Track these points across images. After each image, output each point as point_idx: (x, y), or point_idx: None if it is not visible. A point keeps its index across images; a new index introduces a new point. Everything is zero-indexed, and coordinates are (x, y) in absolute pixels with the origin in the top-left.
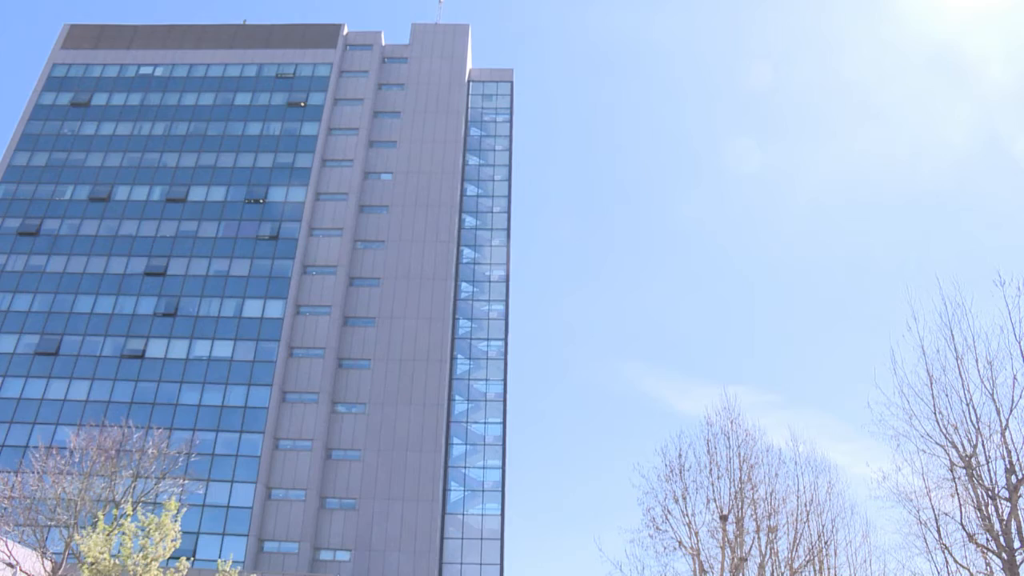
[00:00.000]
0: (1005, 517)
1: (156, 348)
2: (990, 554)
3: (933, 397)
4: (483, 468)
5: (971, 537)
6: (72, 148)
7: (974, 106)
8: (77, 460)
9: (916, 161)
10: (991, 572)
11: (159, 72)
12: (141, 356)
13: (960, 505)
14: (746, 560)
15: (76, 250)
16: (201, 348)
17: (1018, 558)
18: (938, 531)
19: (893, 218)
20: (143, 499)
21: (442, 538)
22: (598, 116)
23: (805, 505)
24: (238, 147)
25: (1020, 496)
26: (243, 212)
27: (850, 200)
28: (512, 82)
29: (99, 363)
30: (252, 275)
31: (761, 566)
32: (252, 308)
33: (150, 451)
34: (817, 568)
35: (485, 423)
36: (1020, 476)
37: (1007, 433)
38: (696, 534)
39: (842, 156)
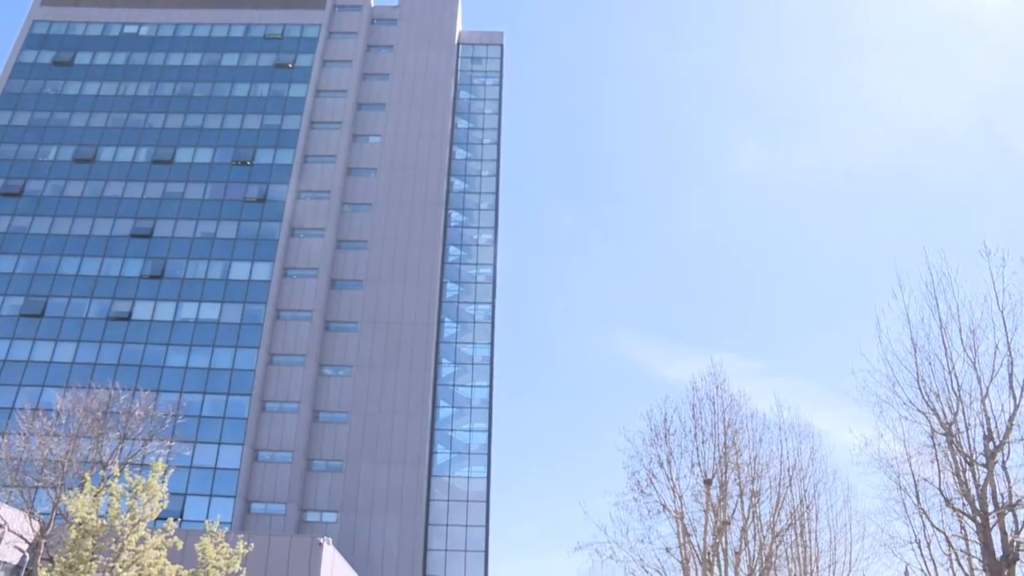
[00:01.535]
0: (981, 482)
1: (143, 310)
2: (965, 518)
3: (916, 365)
4: (469, 431)
5: (948, 502)
6: (55, 108)
7: (969, 91)
8: (64, 422)
9: (910, 136)
10: (966, 535)
11: (144, 31)
12: (128, 318)
13: (939, 471)
14: (729, 523)
15: (61, 211)
16: (188, 310)
17: (991, 521)
18: (917, 496)
19: (885, 192)
20: (130, 461)
21: (428, 500)
22: (590, 83)
23: (788, 470)
24: (225, 109)
25: (996, 462)
26: (230, 174)
27: (844, 173)
28: (502, 45)
29: (85, 325)
30: (239, 237)
31: (744, 529)
32: (239, 270)
33: (137, 413)
34: (798, 531)
35: (472, 386)
36: (997, 443)
37: (987, 401)
38: (680, 497)
39: (836, 132)
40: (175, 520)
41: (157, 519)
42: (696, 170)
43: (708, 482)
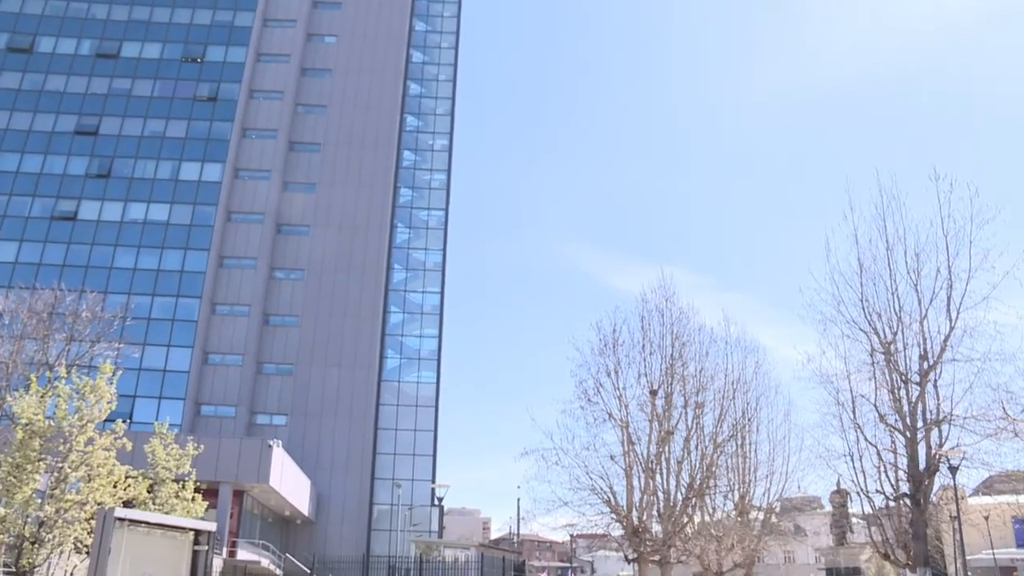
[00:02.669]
0: (914, 399)
1: (89, 210)
2: (896, 433)
3: (861, 285)
4: (420, 337)
5: (882, 417)
6: None
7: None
8: (7, 323)
9: (869, 55)
10: (895, 449)
11: None
12: (73, 218)
13: (876, 388)
14: (672, 433)
15: None
16: (136, 211)
17: (919, 436)
18: (853, 411)
19: (843, 113)
20: (77, 362)
21: (377, 404)
22: None
23: (732, 383)
24: (174, 3)
25: (929, 381)
26: (180, 71)
27: (815, 89)
28: None
29: (28, 224)
30: (189, 137)
31: (687, 439)
32: (189, 171)
33: (84, 314)
34: (739, 443)
35: (423, 292)
36: (931, 362)
37: (925, 322)
38: (626, 407)
39: (800, 50)
40: (124, 422)
41: (106, 421)
42: (654, 86)
43: (654, 393)
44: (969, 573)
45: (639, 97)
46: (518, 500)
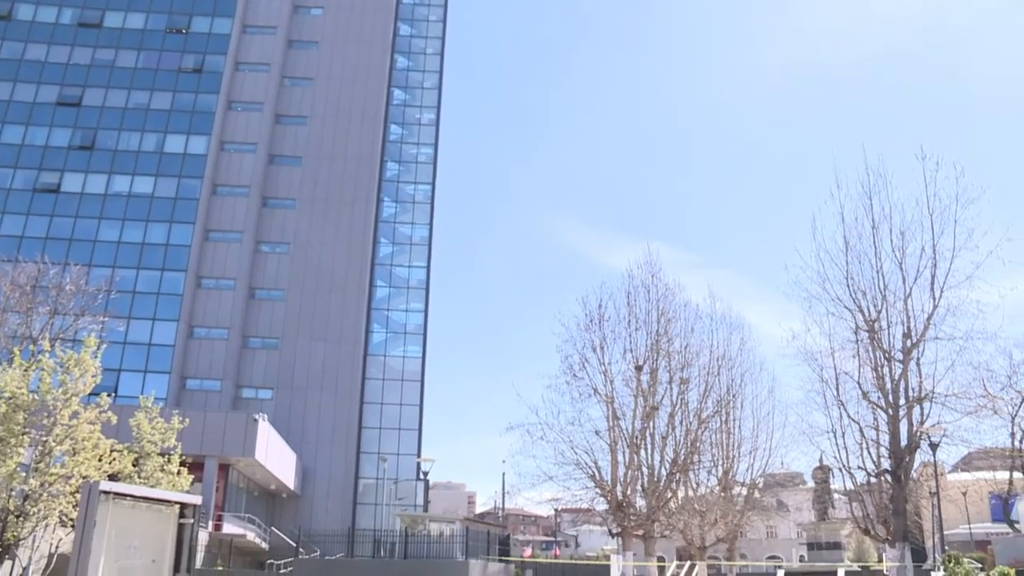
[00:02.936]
0: (896, 377)
1: (72, 182)
2: (879, 410)
3: (847, 263)
4: (406, 311)
5: (865, 395)
6: None
7: None
8: None
9: (859, 37)
10: (877, 426)
11: None
12: (56, 190)
13: (859, 365)
14: (657, 409)
15: None
16: (120, 183)
17: (901, 413)
18: (837, 389)
19: (832, 93)
20: (61, 336)
21: (363, 378)
22: None
23: (717, 360)
24: None
25: (912, 359)
26: (164, 42)
27: (795, 72)
28: None
29: (10, 196)
30: (174, 109)
31: (671, 415)
32: (174, 143)
33: (68, 287)
34: (724, 419)
35: (409, 267)
36: (915, 340)
37: (909, 301)
38: (611, 382)
39: (790, 31)
40: (109, 395)
41: (91, 394)
42: (645, 65)
43: (639, 368)
44: (946, 547)
45: (629, 75)
46: (503, 474)
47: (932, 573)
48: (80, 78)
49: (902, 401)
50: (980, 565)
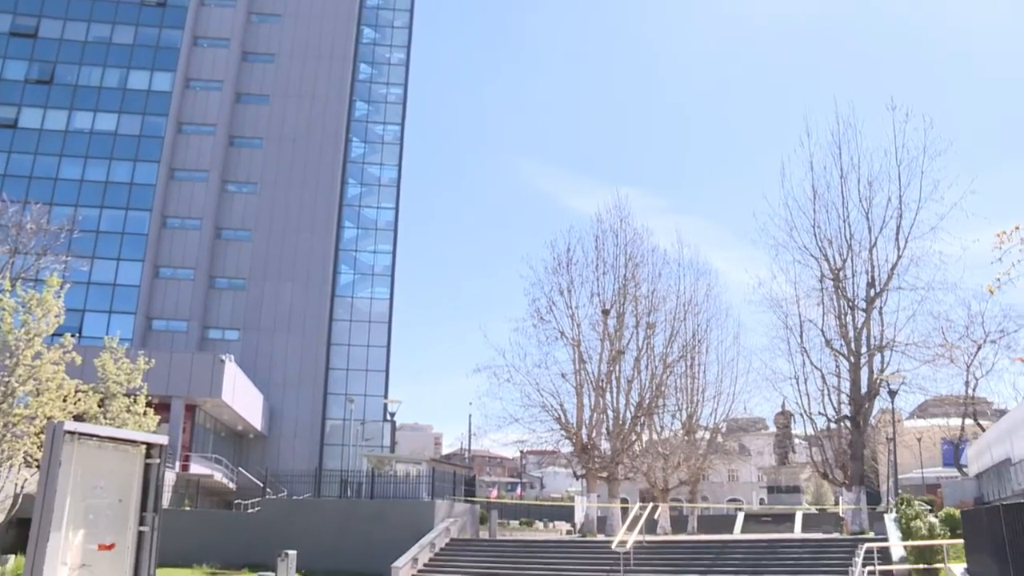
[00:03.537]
0: (859, 326)
1: (31, 118)
2: (841, 357)
3: (814, 212)
4: (374, 252)
5: (828, 342)
6: None
7: None
8: None
9: None
10: (839, 373)
11: None
12: (13, 126)
13: (824, 313)
14: (623, 353)
15: None
16: (82, 120)
17: (862, 361)
18: (801, 336)
19: (807, 39)
20: (23, 275)
21: (330, 319)
22: None
23: (684, 305)
24: None
25: (875, 308)
26: None
27: (769, 21)
28: None
29: None
30: (137, 44)
31: (637, 359)
32: (138, 80)
33: (28, 226)
34: (689, 364)
35: (378, 208)
36: (878, 290)
37: (874, 250)
38: (578, 326)
39: None
40: (73, 336)
41: (54, 335)
42: (618, 7)
43: (606, 312)
44: (899, 491)
45: (607, 16)
46: (470, 416)
47: (885, 515)
48: (35, 7)
49: (864, 349)
50: (929, 507)
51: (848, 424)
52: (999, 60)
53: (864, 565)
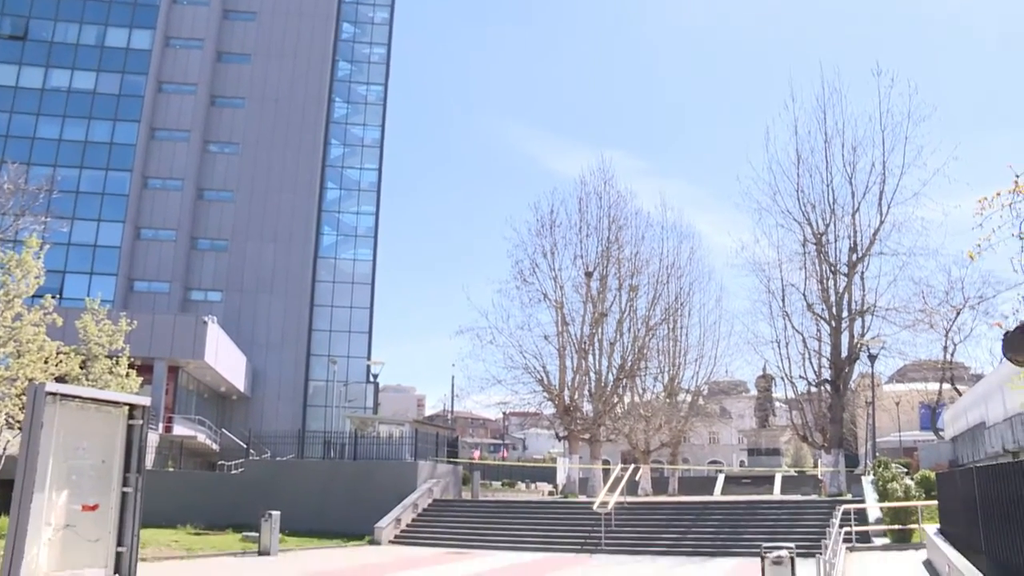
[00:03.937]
0: (841, 290)
1: (6, 75)
2: (822, 321)
3: (798, 176)
4: (357, 214)
5: (810, 307)
6: None
7: None
8: None
9: None
10: (820, 337)
11: None
12: None
13: (806, 277)
14: (606, 315)
15: None
16: (59, 78)
17: (843, 325)
18: (783, 300)
19: (795, 2)
20: (1, 237)
21: (313, 281)
22: None
23: (667, 268)
24: None
25: (857, 272)
26: None
27: None
28: None
29: None
30: (115, 0)
31: (620, 321)
32: (116, 37)
33: (6, 186)
34: (671, 326)
35: (361, 168)
36: (860, 255)
37: (857, 216)
38: (561, 288)
39: None
40: (54, 297)
41: (34, 296)
42: None
43: (589, 275)
44: (877, 454)
45: None
46: (452, 378)
47: (863, 477)
48: None
49: (845, 314)
50: (906, 469)
51: (828, 388)
52: (986, 25)
53: (841, 526)
